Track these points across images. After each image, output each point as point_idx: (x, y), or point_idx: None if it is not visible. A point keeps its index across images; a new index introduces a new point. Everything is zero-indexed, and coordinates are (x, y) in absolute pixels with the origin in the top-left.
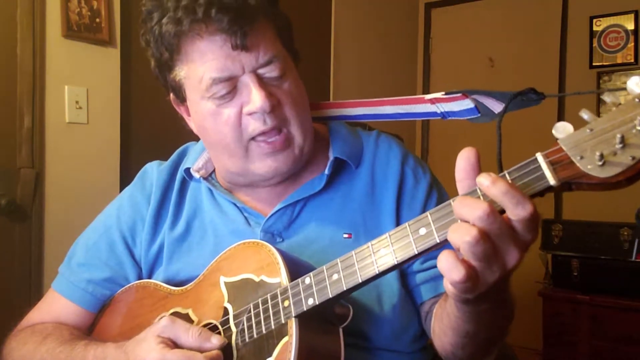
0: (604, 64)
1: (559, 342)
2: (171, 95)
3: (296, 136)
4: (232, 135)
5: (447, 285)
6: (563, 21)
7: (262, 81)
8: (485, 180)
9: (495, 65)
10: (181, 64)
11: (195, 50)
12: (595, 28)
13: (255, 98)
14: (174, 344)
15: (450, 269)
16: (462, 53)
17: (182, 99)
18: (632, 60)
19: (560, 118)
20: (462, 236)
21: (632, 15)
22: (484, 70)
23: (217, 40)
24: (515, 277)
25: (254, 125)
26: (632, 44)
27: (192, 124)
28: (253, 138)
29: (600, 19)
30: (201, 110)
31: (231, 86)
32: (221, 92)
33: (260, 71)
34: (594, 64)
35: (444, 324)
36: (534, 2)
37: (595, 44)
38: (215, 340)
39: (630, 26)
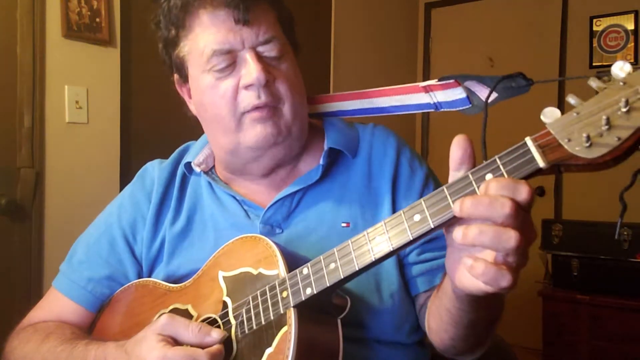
0: (604, 64)
1: (559, 342)
2: (175, 75)
3: (286, 114)
4: (227, 108)
5: (482, 288)
6: (563, 21)
7: (260, 57)
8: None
9: (495, 65)
10: (185, 39)
11: (199, 24)
12: (595, 28)
13: (251, 70)
14: (175, 341)
15: (496, 278)
16: (462, 53)
17: (184, 78)
18: (632, 60)
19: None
20: (507, 242)
21: (632, 15)
22: (484, 70)
23: (221, 15)
24: None
25: (248, 100)
26: (632, 44)
27: (192, 106)
28: (247, 111)
29: (600, 19)
30: (200, 85)
31: (230, 60)
32: (220, 65)
33: (260, 49)
34: (594, 64)
35: (444, 320)
36: (534, 2)
37: (595, 44)
38: (216, 335)
39: (630, 26)
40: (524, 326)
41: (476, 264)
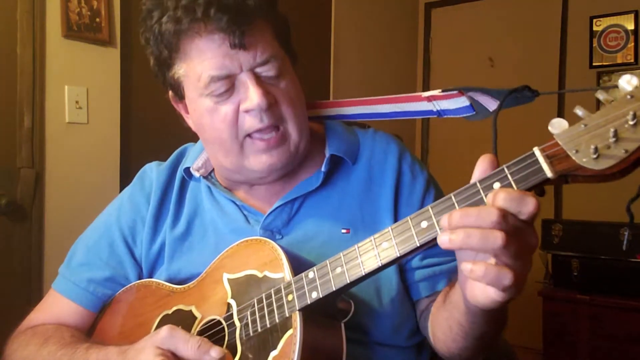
0: (604, 64)
1: (559, 342)
2: (170, 92)
3: (292, 134)
4: (228, 132)
5: (493, 296)
6: (563, 21)
7: (259, 79)
8: (489, 198)
9: (495, 65)
10: (180, 62)
11: (194, 48)
12: (595, 28)
13: (252, 95)
14: (173, 355)
15: (497, 277)
16: (462, 53)
17: (180, 96)
18: (632, 60)
19: (560, 117)
20: (492, 244)
21: (632, 15)
22: (484, 70)
23: (216, 39)
24: None
25: (250, 123)
26: (632, 44)
27: (190, 121)
28: (249, 135)
29: (600, 19)
30: (199, 107)
31: (229, 84)
32: (219, 90)
33: (258, 70)
34: (594, 64)
35: (454, 332)
36: (534, 2)
37: (595, 44)
38: (215, 353)
39: (630, 26)
40: (524, 326)
41: (475, 266)
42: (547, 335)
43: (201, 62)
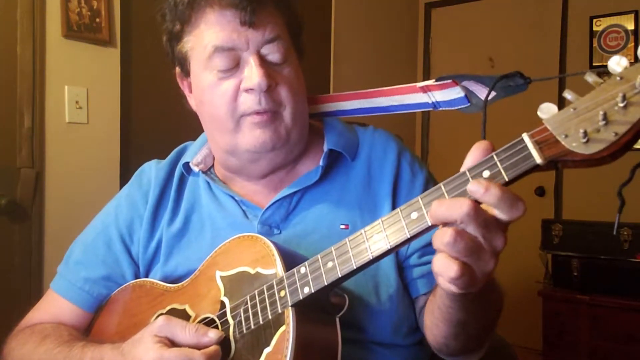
0: (604, 64)
1: (559, 342)
2: (177, 69)
3: (286, 119)
4: (225, 108)
5: (448, 285)
6: (563, 21)
7: (263, 61)
8: (478, 188)
9: (495, 65)
10: (189, 34)
11: (204, 21)
12: (595, 28)
13: (253, 75)
14: (171, 343)
15: (444, 268)
16: (462, 53)
17: (186, 72)
18: (632, 61)
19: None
20: (442, 239)
21: (632, 15)
22: (484, 70)
23: (227, 15)
24: (515, 277)
25: (248, 104)
26: (632, 44)
27: (192, 101)
28: (246, 114)
29: (600, 19)
30: (201, 82)
31: (234, 61)
32: (222, 65)
33: (264, 51)
34: (594, 64)
35: (435, 316)
36: (534, 2)
37: (595, 44)
38: (213, 335)
39: (630, 26)
40: (524, 326)
41: (434, 259)
42: (547, 335)
43: (209, 33)
